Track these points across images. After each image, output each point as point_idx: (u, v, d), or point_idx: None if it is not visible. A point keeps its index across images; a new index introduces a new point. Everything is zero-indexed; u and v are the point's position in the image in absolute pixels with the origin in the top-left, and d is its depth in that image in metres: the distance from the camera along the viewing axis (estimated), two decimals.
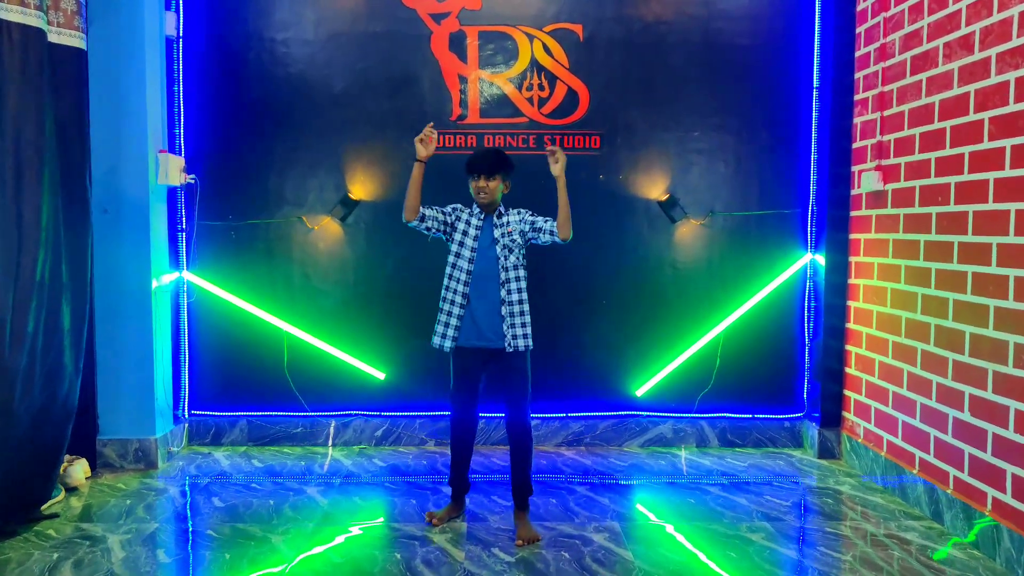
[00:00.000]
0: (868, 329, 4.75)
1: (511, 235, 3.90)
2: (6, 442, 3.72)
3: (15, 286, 3.77)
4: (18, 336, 3.78)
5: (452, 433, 3.99)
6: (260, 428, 5.27)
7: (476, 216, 3.95)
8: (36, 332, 3.89)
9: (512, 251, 3.90)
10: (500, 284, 3.86)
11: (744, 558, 3.52)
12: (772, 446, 5.27)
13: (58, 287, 4.06)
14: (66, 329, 4.13)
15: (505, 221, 3.93)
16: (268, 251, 5.25)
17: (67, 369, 4.13)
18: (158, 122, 4.90)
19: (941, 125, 4.05)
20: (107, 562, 3.42)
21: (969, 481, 3.75)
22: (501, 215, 3.95)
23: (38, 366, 3.92)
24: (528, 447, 3.88)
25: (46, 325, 3.97)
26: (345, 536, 3.79)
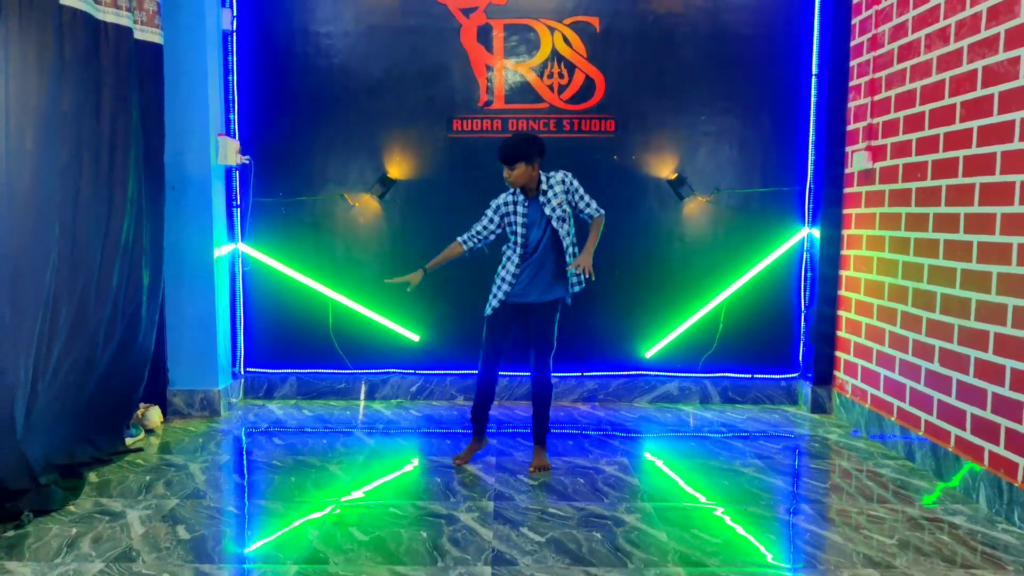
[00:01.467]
0: (857, 295, 5.26)
1: (560, 207, 4.18)
2: (89, 378, 4.32)
3: (103, 248, 4.35)
4: (104, 290, 4.37)
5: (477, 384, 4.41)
6: (308, 384, 5.87)
7: (522, 203, 4.23)
8: (119, 287, 4.49)
9: (565, 221, 4.21)
10: (565, 253, 4.22)
11: (735, 485, 4.07)
12: (769, 403, 5.79)
13: (139, 251, 4.66)
14: (145, 286, 4.74)
15: (550, 196, 4.19)
16: (314, 225, 5.82)
17: (144, 320, 4.73)
18: (217, 109, 5.46)
19: (921, 109, 4.53)
20: (192, 482, 4.04)
21: (937, 423, 4.27)
22: (544, 192, 4.20)
23: (120, 316, 4.52)
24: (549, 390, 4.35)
25: (128, 282, 4.57)
26: (391, 466, 4.37)
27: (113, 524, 3.48)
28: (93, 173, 4.23)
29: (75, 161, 4.08)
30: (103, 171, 4.32)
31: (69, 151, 4.03)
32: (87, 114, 4.19)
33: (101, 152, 4.30)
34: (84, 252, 4.18)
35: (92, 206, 4.23)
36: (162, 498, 3.80)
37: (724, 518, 3.65)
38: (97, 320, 4.32)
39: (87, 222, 4.18)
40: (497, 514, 3.63)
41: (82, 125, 4.14)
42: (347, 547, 3.27)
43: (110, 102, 4.34)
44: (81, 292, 4.15)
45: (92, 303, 4.26)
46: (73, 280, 4.08)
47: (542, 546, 3.28)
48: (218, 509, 3.68)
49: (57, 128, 3.93)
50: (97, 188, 4.28)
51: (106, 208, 4.36)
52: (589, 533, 3.41)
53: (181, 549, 3.23)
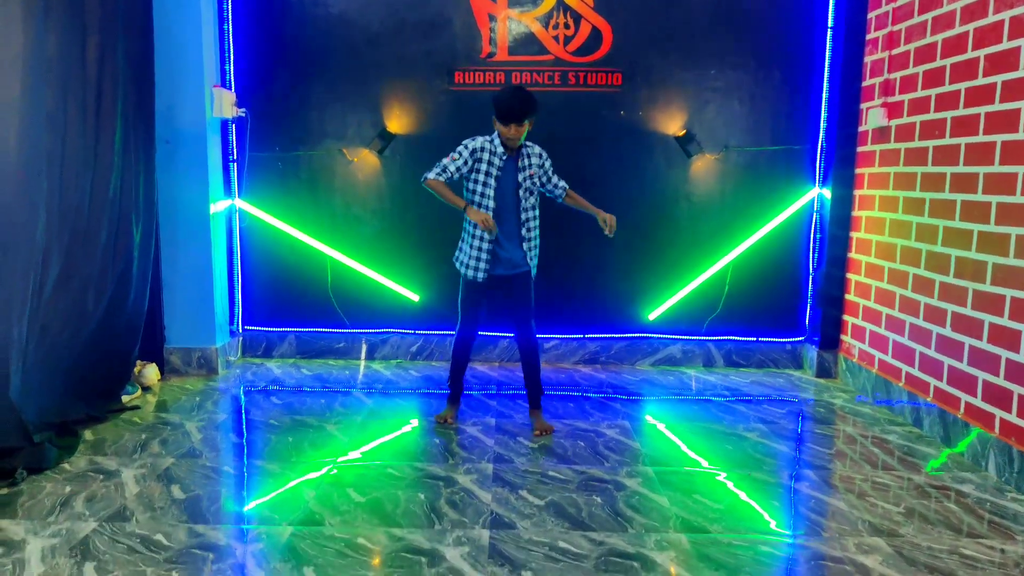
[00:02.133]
0: (867, 257, 5.14)
1: (532, 179, 4.11)
2: (81, 335, 4.23)
3: (90, 201, 4.23)
4: (92, 245, 4.26)
5: (458, 347, 4.31)
6: (307, 342, 5.79)
7: (499, 156, 4.05)
8: (108, 243, 4.38)
9: (532, 193, 4.13)
10: (521, 222, 4.11)
11: (739, 450, 4.00)
12: (774, 367, 5.71)
13: (128, 205, 4.54)
14: (136, 242, 4.63)
15: (527, 164, 4.10)
16: (312, 181, 5.69)
17: (135, 277, 4.63)
18: (212, 59, 5.30)
19: (942, 63, 4.36)
20: (188, 441, 3.98)
21: (947, 389, 4.18)
22: (524, 157, 4.10)
23: (110, 273, 4.42)
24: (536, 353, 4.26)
25: (117, 238, 4.45)
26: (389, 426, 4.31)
27: (107, 483, 3.42)
28: (80, 123, 4.10)
29: (60, 110, 3.94)
30: (89, 121, 4.18)
31: (55, 99, 3.88)
32: (73, 60, 4.03)
33: (87, 100, 4.16)
34: (71, 206, 4.06)
35: (79, 157, 4.10)
36: (157, 457, 3.74)
37: (727, 483, 3.59)
38: (86, 276, 4.22)
39: (74, 174, 4.06)
40: (496, 476, 3.56)
41: (68, 71, 3.99)
42: (344, 508, 3.21)
43: (96, 48, 4.18)
44: (69, 247, 4.04)
45: (80, 259, 4.15)
46: (61, 235, 3.97)
47: (541, 509, 3.22)
48: (214, 469, 3.62)
49: (43, 75, 3.78)
50: (84, 139, 4.15)
51: (92, 160, 4.23)
52: (589, 497, 3.35)
53: (175, 509, 3.17)
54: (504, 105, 3.94)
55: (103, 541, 2.90)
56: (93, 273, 4.28)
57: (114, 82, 4.33)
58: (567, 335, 5.76)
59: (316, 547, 2.88)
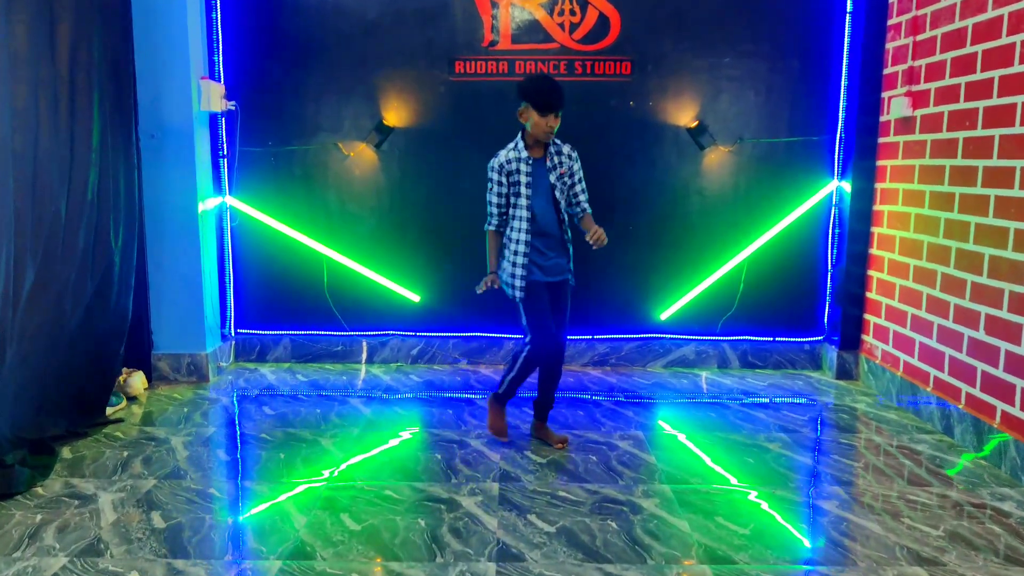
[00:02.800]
0: (890, 254, 4.87)
1: (563, 178, 3.82)
2: (60, 345, 3.99)
3: (67, 202, 3.97)
4: (70, 248, 4.01)
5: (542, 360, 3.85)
6: (302, 346, 5.55)
7: (526, 162, 3.76)
8: (87, 246, 4.13)
9: (564, 193, 3.84)
10: (559, 224, 3.82)
11: (761, 464, 3.75)
12: (791, 368, 5.46)
13: (108, 206, 4.28)
14: (118, 245, 4.38)
15: (557, 163, 3.81)
16: (306, 177, 5.43)
17: (116, 282, 4.38)
18: (199, 49, 5.03)
19: (973, 49, 4.09)
20: (173, 459, 3.73)
21: (980, 396, 3.93)
22: (551, 156, 3.81)
23: (89, 278, 4.17)
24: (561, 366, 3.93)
25: (96, 240, 4.20)
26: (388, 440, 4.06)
27: (82, 510, 3.17)
28: (52, 119, 3.83)
29: (32, 107, 3.67)
30: (63, 117, 3.91)
31: (24, 95, 3.61)
32: (43, 52, 3.76)
33: (60, 96, 3.89)
34: (47, 208, 3.80)
35: (53, 156, 3.83)
36: (139, 478, 3.49)
37: (750, 504, 3.34)
38: (63, 283, 3.96)
39: (48, 174, 3.79)
40: (502, 498, 3.31)
41: (38, 65, 3.72)
42: (337, 538, 2.96)
43: (67, 39, 3.91)
44: (44, 251, 3.78)
45: (57, 264, 3.90)
46: (36, 240, 3.71)
47: (552, 537, 2.97)
48: (198, 492, 3.37)
49: (9, 68, 3.51)
50: (58, 136, 3.88)
51: (68, 158, 3.96)
52: (603, 522, 3.10)
53: (154, 540, 2.92)
54: (545, 93, 3.65)
55: None
56: (70, 279, 4.02)
57: (89, 75, 4.07)
58: (575, 336, 5.50)
59: None
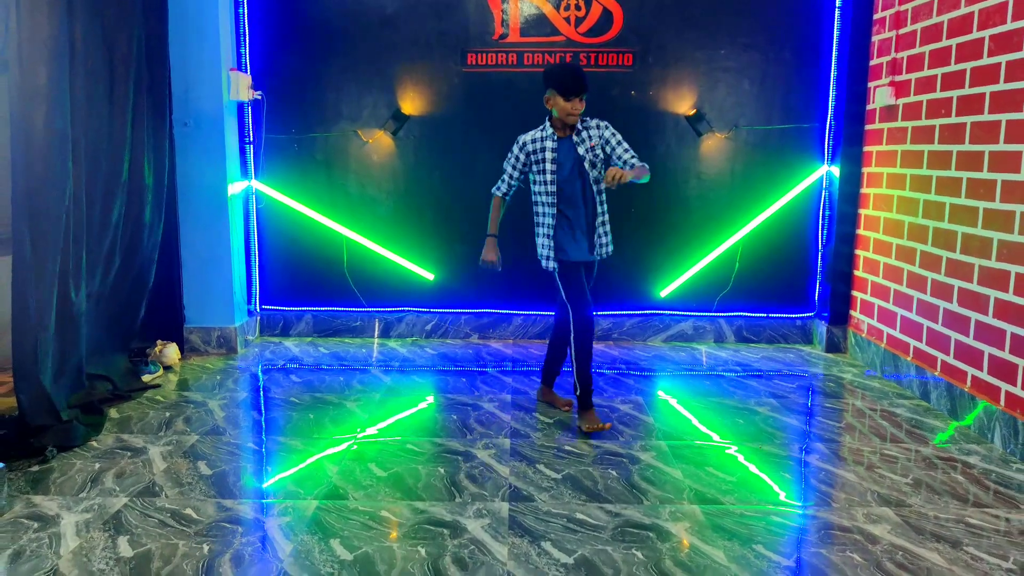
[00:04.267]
0: (875, 234, 5.19)
1: (594, 150, 3.87)
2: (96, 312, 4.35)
3: (105, 183, 4.31)
4: (105, 225, 4.35)
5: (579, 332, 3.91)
6: (324, 321, 5.90)
7: (551, 139, 3.88)
8: (118, 222, 4.47)
9: (596, 167, 3.90)
10: (586, 202, 3.92)
11: (750, 424, 4.09)
12: (784, 342, 5.79)
13: (140, 186, 4.62)
14: (146, 222, 4.72)
15: (584, 137, 3.88)
16: (327, 162, 5.77)
17: (142, 256, 4.76)
18: (228, 42, 5.36)
19: (948, 43, 4.40)
20: (211, 419, 4.09)
21: (954, 363, 4.26)
22: (578, 132, 3.90)
23: (118, 251, 4.51)
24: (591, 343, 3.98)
25: (126, 217, 4.54)
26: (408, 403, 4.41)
27: (135, 460, 3.54)
28: (95, 107, 4.19)
29: (83, 95, 4.03)
30: (104, 105, 4.27)
31: (79, 84, 3.97)
32: (93, 47, 4.12)
33: (100, 80, 4.24)
34: (90, 188, 4.16)
35: (95, 141, 4.19)
36: (182, 434, 3.86)
37: (738, 456, 3.68)
38: (96, 256, 4.32)
39: (92, 158, 4.15)
40: (513, 451, 3.67)
41: (87, 58, 4.07)
42: (366, 483, 3.32)
43: (112, 34, 4.27)
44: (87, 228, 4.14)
45: (95, 239, 4.25)
46: (79, 216, 4.06)
47: (558, 483, 3.32)
48: (238, 445, 3.73)
49: (68, 61, 3.86)
50: (99, 122, 4.23)
51: (107, 143, 4.31)
52: (605, 470, 3.45)
53: (203, 484, 3.29)
54: (570, 78, 3.76)
55: (135, 515, 3.01)
56: (103, 251, 4.37)
57: (127, 67, 4.42)
58: None
59: (341, 520, 2.99)
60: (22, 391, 3.59)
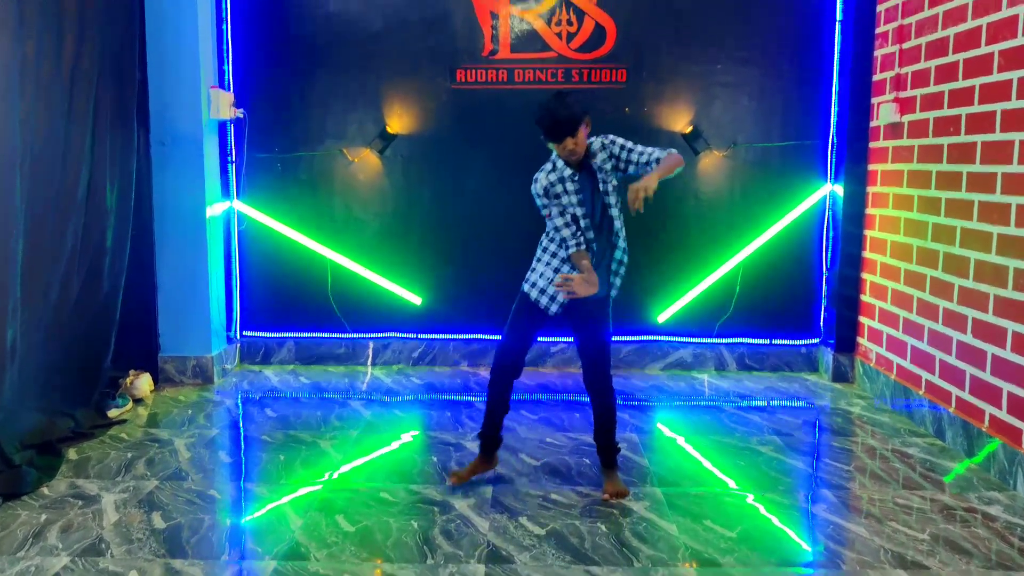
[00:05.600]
0: (882, 257, 4.93)
1: (606, 182, 3.40)
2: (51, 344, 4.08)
3: (55, 203, 4.04)
4: (58, 249, 4.07)
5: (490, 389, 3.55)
6: (306, 348, 5.65)
7: (570, 178, 3.36)
8: (74, 245, 4.18)
9: (612, 193, 3.43)
10: (611, 241, 3.45)
11: (752, 467, 3.82)
12: (788, 370, 5.52)
13: (101, 210, 4.36)
14: (108, 248, 4.45)
15: (599, 163, 3.40)
16: (312, 182, 5.54)
17: (105, 283, 4.46)
18: (209, 59, 5.14)
19: (955, 58, 4.15)
20: (175, 461, 3.83)
21: (969, 400, 3.98)
22: (593, 156, 3.40)
23: (75, 275, 4.22)
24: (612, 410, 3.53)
25: (84, 241, 4.26)
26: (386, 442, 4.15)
27: (86, 510, 3.27)
28: (50, 128, 3.95)
29: (33, 116, 3.79)
30: (59, 126, 4.03)
31: (30, 105, 3.73)
32: (48, 62, 3.89)
33: (60, 103, 4.01)
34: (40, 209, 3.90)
35: (48, 160, 3.94)
36: (141, 479, 3.59)
37: (739, 506, 3.41)
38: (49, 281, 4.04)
39: (44, 175, 3.90)
40: (495, 501, 3.39)
41: (41, 74, 3.84)
42: (331, 539, 3.04)
43: (72, 50, 4.04)
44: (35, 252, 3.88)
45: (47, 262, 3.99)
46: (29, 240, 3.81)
47: (541, 540, 3.05)
48: (199, 493, 3.46)
49: (19, 76, 3.64)
50: (53, 141, 3.99)
51: (61, 161, 4.05)
52: (593, 524, 3.18)
53: (154, 540, 3.02)
54: (542, 124, 3.26)
55: None
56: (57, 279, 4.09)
57: (88, 84, 4.18)
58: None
59: None
60: None
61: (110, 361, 4.61)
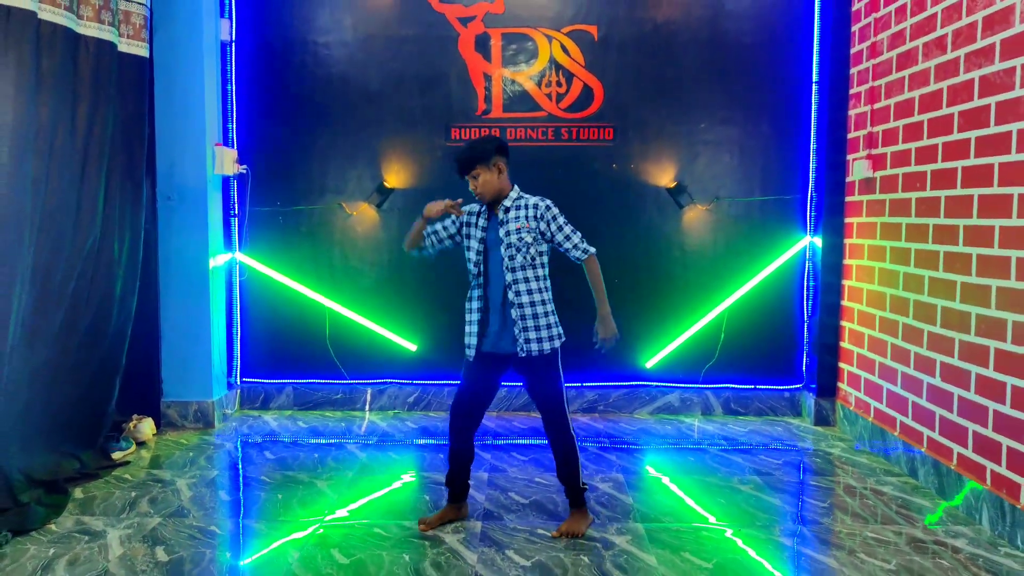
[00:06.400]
0: (859, 305, 5.15)
1: (519, 233, 3.51)
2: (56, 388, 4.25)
3: (65, 256, 4.25)
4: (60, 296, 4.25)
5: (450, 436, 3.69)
6: (304, 394, 5.82)
7: (482, 216, 3.61)
8: (77, 295, 4.36)
9: (520, 251, 3.52)
10: (506, 285, 3.54)
11: (732, 504, 3.98)
12: (773, 414, 5.69)
13: (109, 262, 4.57)
14: (116, 297, 4.65)
15: (512, 217, 3.53)
16: (311, 234, 5.78)
17: (111, 332, 4.64)
18: (214, 118, 5.43)
19: (920, 118, 4.43)
20: (177, 500, 3.99)
21: (939, 440, 4.16)
22: (508, 210, 3.56)
23: (81, 323, 4.40)
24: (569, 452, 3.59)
25: (89, 292, 4.45)
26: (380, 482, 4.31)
27: (92, 544, 3.43)
28: (63, 187, 4.19)
29: (44, 174, 4.04)
30: (73, 185, 4.27)
31: (42, 164, 3.99)
32: (62, 127, 4.15)
33: (72, 163, 4.25)
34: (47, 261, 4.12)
35: (57, 218, 4.17)
36: (145, 516, 3.76)
37: (717, 541, 3.56)
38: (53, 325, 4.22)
39: (51, 234, 4.12)
40: (484, 535, 3.55)
41: (55, 138, 4.10)
42: (326, 571, 3.20)
43: (86, 116, 4.30)
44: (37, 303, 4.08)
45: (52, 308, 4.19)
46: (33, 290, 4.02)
47: (527, 571, 3.21)
48: (200, 529, 3.62)
49: (32, 141, 3.89)
50: (65, 200, 4.21)
51: (72, 220, 4.28)
52: (576, 557, 3.33)
53: (157, 573, 3.18)
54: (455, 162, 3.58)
55: None
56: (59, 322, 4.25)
57: (101, 145, 4.43)
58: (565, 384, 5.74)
59: None
60: None
61: (114, 405, 4.78)
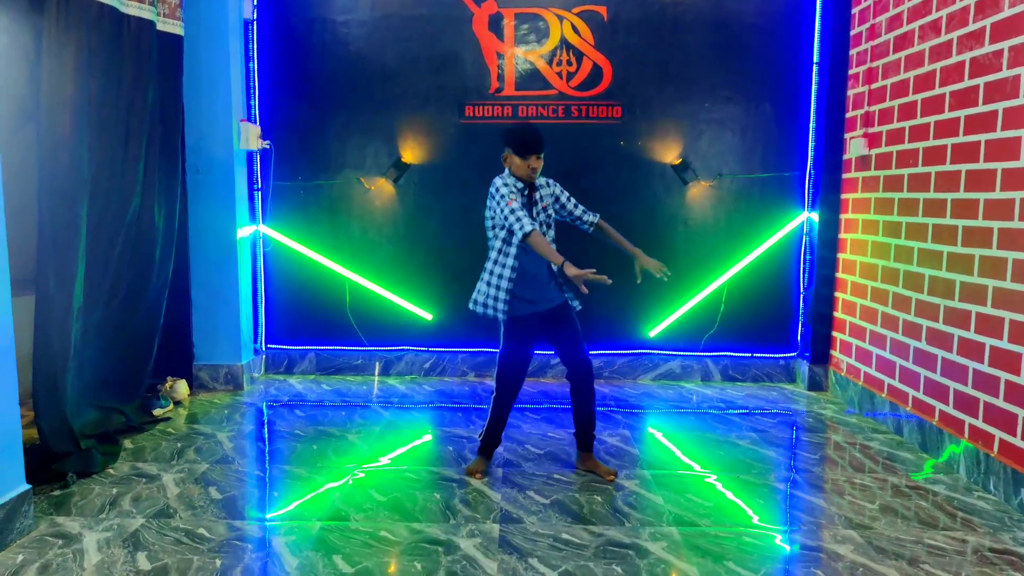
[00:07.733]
0: (853, 277, 5.47)
1: (546, 211, 3.94)
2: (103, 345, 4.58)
3: (111, 220, 4.55)
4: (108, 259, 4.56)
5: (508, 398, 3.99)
6: (326, 360, 6.14)
7: (521, 193, 3.87)
8: (122, 258, 4.66)
9: (550, 227, 3.96)
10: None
11: (730, 456, 4.32)
12: (768, 381, 6.03)
13: (150, 227, 4.87)
14: (156, 260, 4.95)
15: (539, 197, 3.93)
16: (331, 208, 6.07)
17: (150, 294, 4.95)
18: (239, 95, 5.70)
19: (914, 97, 4.72)
20: (221, 449, 4.32)
21: (923, 399, 4.49)
22: (538, 188, 3.95)
23: (124, 285, 4.72)
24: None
25: (132, 256, 4.75)
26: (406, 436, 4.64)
27: (150, 485, 3.77)
28: (110, 157, 4.48)
29: (96, 146, 4.34)
30: (118, 155, 4.56)
31: (93, 135, 4.29)
32: (109, 102, 4.44)
33: (116, 134, 4.54)
34: (101, 229, 4.43)
35: (106, 186, 4.47)
36: (193, 463, 4.09)
37: (717, 484, 3.90)
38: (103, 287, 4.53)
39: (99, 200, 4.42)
40: (505, 479, 3.89)
41: (103, 112, 4.39)
42: (367, 506, 3.54)
43: (128, 90, 4.58)
44: (95, 264, 4.39)
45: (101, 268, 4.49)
46: (91, 255, 4.33)
47: (547, 507, 3.55)
48: (246, 473, 3.96)
49: (86, 116, 4.19)
50: (112, 171, 4.51)
51: (118, 187, 4.57)
52: (590, 496, 3.67)
53: (214, 507, 3.51)
54: (528, 138, 3.81)
55: (151, 534, 3.24)
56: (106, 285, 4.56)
57: (141, 121, 4.71)
58: None
59: (343, 539, 3.21)
60: (44, 419, 3.84)
61: (152, 365, 5.10)
